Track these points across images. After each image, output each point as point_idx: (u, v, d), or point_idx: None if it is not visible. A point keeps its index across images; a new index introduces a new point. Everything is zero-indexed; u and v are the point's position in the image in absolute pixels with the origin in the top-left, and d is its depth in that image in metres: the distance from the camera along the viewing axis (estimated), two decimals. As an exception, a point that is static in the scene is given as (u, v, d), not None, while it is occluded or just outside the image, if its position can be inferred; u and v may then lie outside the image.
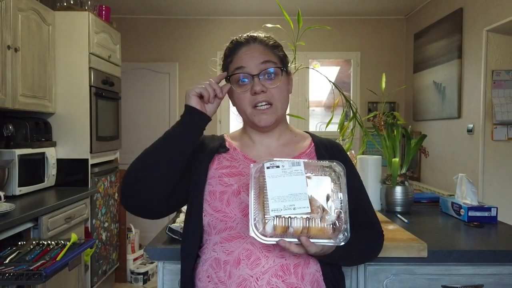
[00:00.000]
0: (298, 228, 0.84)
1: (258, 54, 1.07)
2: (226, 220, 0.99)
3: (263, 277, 0.94)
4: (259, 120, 1.06)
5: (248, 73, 1.06)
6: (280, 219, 0.84)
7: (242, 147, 1.14)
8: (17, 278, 1.50)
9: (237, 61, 1.08)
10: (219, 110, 4.79)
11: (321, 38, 4.65)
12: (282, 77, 1.09)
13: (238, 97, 1.08)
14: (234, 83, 1.08)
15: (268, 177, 0.87)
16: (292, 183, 0.86)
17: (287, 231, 0.85)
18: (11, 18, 2.37)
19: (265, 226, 0.84)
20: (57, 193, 2.71)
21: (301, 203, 0.85)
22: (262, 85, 1.04)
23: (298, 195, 0.85)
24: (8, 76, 2.35)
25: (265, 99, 1.05)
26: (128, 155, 4.56)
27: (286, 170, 0.88)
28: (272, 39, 1.12)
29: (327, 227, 0.85)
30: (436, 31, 3.91)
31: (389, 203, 1.85)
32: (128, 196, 1.03)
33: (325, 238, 0.86)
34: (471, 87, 3.35)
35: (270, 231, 0.84)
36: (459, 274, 1.32)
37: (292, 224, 0.84)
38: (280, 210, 0.83)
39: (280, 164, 0.88)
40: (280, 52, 1.12)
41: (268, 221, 0.84)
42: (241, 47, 1.09)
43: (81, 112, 2.92)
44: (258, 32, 1.13)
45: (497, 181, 3.16)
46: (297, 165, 0.89)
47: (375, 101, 4.63)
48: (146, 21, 4.75)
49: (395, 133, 1.88)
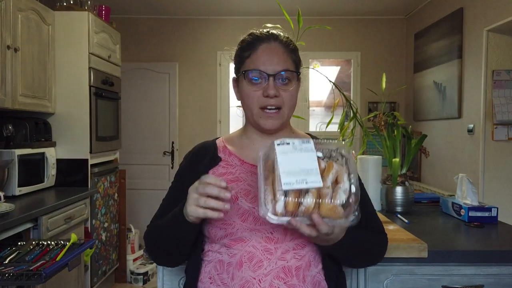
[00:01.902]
0: (309, 205, 0.82)
1: (277, 55, 1.05)
2: (225, 228, 0.99)
3: (265, 279, 0.94)
4: (264, 123, 1.05)
5: (265, 72, 1.03)
6: (291, 196, 0.82)
7: (239, 150, 1.12)
8: (17, 278, 1.50)
9: (255, 58, 1.05)
10: (219, 110, 4.79)
11: (321, 38, 4.65)
12: (296, 82, 1.07)
13: (248, 94, 1.05)
14: (247, 79, 1.05)
15: (278, 153, 0.86)
16: (303, 159, 0.86)
17: (298, 209, 0.83)
18: (11, 18, 2.37)
19: (275, 205, 0.83)
20: (57, 193, 2.71)
21: (313, 178, 0.83)
22: (275, 89, 1.02)
23: (310, 170, 0.84)
24: (8, 76, 2.35)
25: (275, 103, 1.03)
26: (128, 155, 4.58)
27: (297, 147, 0.88)
28: (292, 42, 1.10)
29: (338, 207, 0.84)
30: (437, 31, 3.91)
31: (389, 203, 1.85)
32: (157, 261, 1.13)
33: (336, 219, 0.84)
34: (472, 87, 3.35)
35: (280, 210, 0.83)
36: (459, 274, 1.32)
37: (303, 202, 0.83)
38: (292, 184, 0.82)
39: (291, 142, 0.88)
40: (297, 56, 1.10)
41: (279, 200, 0.82)
42: (261, 43, 1.06)
43: (81, 112, 2.92)
44: (278, 30, 1.11)
45: (497, 181, 3.16)
46: (307, 143, 0.89)
47: (375, 101, 4.63)
48: (146, 21, 4.75)
49: (396, 133, 1.87)
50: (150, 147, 4.74)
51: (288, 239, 0.98)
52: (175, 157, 4.74)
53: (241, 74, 1.07)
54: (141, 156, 4.73)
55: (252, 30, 1.11)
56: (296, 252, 0.97)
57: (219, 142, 1.16)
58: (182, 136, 4.77)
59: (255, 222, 0.98)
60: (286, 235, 0.98)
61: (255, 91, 1.04)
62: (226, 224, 0.99)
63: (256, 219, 0.98)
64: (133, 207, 4.53)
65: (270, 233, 0.98)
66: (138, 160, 4.72)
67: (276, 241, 0.97)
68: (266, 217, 0.83)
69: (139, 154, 4.72)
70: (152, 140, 4.75)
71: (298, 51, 1.12)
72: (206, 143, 1.17)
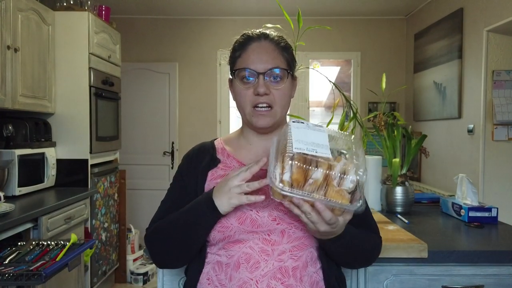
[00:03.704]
0: (318, 178, 0.83)
1: (267, 53, 1.05)
2: (223, 231, 0.98)
3: (262, 280, 0.94)
4: (256, 121, 1.05)
5: (254, 70, 1.03)
6: (299, 162, 0.82)
7: (237, 151, 1.12)
8: (17, 278, 1.50)
9: (245, 57, 1.06)
10: (219, 110, 4.79)
11: (321, 38, 4.65)
12: (287, 80, 1.06)
13: (240, 93, 1.06)
14: (238, 78, 1.06)
15: (293, 127, 0.89)
16: (316, 135, 0.89)
17: (306, 183, 0.83)
18: (11, 18, 2.37)
19: (283, 175, 0.83)
20: (57, 193, 2.71)
21: (323, 150, 0.86)
22: (266, 87, 1.02)
23: (321, 144, 0.87)
24: (8, 76, 2.35)
25: (266, 101, 1.03)
26: (128, 155, 4.58)
27: (310, 127, 0.92)
28: (284, 40, 1.10)
29: (344, 191, 0.84)
30: (437, 31, 3.91)
31: (389, 204, 1.85)
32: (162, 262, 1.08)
33: (343, 203, 0.84)
34: (472, 87, 3.35)
35: (287, 178, 0.83)
36: (459, 274, 1.32)
37: (312, 176, 0.83)
38: (302, 150, 0.84)
39: (305, 122, 0.93)
40: (289, 54, 1.10)
41: (286, 169, 0.83)
42: (252, 43, 1.07)
43: (81, 112, 2.92)
44: (271, 30, 1.11)
45: (497, 182, 3.16)
46: (320, 126, 0.93)
47: (375, 101, 4.63)
48: (146, 21, 4.75)
49: (396, 133, 1.87)
50: (150, 147, 4.74)
51: (285, 241, 0.98)
52: (175, 157, 4.74)
53: (233, 74, 1.08)
54: (141, 156, 4.73)
55: (245, 31, 1.11)
56: (293, 253, 0.97)
57: (218, 143, 1.16)
58: (182, 136, 4.77)
59: (253, 225, 0.98)
60: (283, 237, 0.98)
61: (246, 89, 1.05)
62: (224, 227, 0.98)
63: (254, 221, 0.98)
64: (133, 207, 4.53)
65: (267, 235, 0.98)
66: (138, 160, 4.72)
67: (273, 243, 0.97)
68: (273, 186, 0.83)
69: (139, 154, 4.72)
70: (152, 140, 4.75)
71: (291, 49, 1.11)
72: (204, 144, 1.17)
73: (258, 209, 0.99)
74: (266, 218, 0.98)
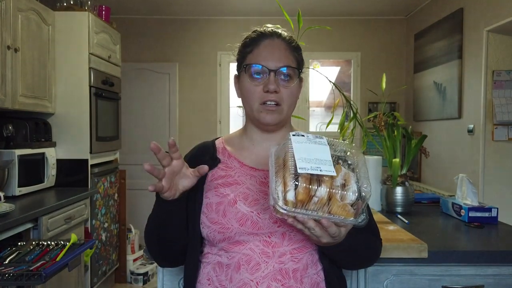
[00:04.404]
0: (323, 196, 0.81)
1: (279, 52, 1.05)
2: (223, 232, 0.98)
3: (263, 282, 0.94)
4: (264, 117, 1.05)
5: (266, 67, 1.03)
6: (304, 183, 0.81)
7: (239, 151, 1.11)
8: (17, 278, 1.50)
9: (257, 53, 1.06)
10: (219, 110, 4.79)
11: (321, 38, 4.65)
12: (296, 80, 1.07)
13: (248, 89, 1.05)
14: (248, 74, 1.05)
15: (294, 142, 0.87)
16: (317, 150, 0.87)
17: (310, 201, 0.82)
18: (11, 18, 2.37)
19: (286, 193, 0.81)
20: (57, 193, 2.71)
21: (327, 168, 0.84)
22: (276, 85, 1.03)
23: (324, 160, 0.85)
24: (8, 76, 2.35)
25: (274, 99, 1.03)
26: (128, 155, 4.58)
27: (311, 140, 0.89)
28: (295, 40, 1.11)
29: (348, 206, 0.83)
30: (437, 31, 3.91)
31: (389, 204, 1.85)
32: (158, 260, 1.11)
33: (347, 217, 0.83)
34: (472, 87, 3.35)
35: (291, 198, 0.81)
36: (459, 274, 1.32)
37: (316, 193, 0.82)
38: (307, 169, 0.82)
39: (305, 134, 0.90)
40: (299, 55, 1.11)
41: (290, 187, 0.81)
42: (264, 39, 1.07)
43: (81, 113, 2.92)
44: (282, 29, 1.12)
45: (497, 182, 3.16)
46: (320, 138, 0.91)
47: (375, 101, 4.63)
48: (146, 21, 4.75)
49: (396, 134, 1.87)
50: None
51: (286, 244, 0.97)
52: (175, 157, 4.73)
53: (243, 68, 1.07)
54: (141, 156, 4.72)
55: (256, 28, 1.11)
56: (294, 255, 0.97)
57: (219, 143, 1.16)
58: (182, 136, 4.77)
59: (253, 227, 0.98)
60: (283, 239, 0.98)
61: (255, 85, 1.04)
62: (225, 228, 0.98)
63: (255, 223, 0.98)
64: (133, 208, 4.53)
65: (268, 237, 0.98)
66: (138, 160, 4.71)
67: (274, 245, 0.97)
68: (276, 207, 0.81)
69: (139, 154, 4.72)
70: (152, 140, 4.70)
71: (301, 50, 1.12)
72: (205, 143, 1.16)
73: (259, 211, 0.99)
74: (267, 220, 0.98)
